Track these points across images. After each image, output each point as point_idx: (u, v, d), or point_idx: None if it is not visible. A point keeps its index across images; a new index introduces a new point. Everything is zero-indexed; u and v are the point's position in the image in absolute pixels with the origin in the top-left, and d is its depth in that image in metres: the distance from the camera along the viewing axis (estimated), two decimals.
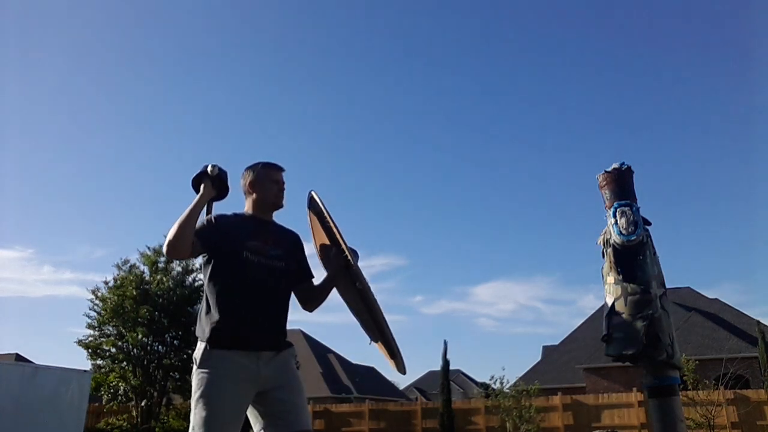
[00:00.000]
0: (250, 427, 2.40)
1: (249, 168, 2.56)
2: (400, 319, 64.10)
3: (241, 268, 2.33)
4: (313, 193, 2.57)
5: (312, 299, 2.59)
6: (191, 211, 2.26)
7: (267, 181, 2.50)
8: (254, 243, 2.39)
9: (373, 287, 2.42)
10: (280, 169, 2.55)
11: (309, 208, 2.68)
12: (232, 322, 2.27)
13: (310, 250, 2.68)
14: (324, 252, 2.68)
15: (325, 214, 2.49)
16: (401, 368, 2.60)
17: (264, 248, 2.40)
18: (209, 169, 2.38)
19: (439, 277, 68.75)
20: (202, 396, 2.18)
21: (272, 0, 59.21)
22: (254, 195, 2.50)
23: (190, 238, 2.26)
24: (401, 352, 2.50)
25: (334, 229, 2.45)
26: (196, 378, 2.24)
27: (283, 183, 2.55)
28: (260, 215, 2.51)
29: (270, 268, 2.39)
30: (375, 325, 2.56)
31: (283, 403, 2.30)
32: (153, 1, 54.44)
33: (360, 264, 2.48)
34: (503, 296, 73.54)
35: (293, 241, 2.57)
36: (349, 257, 2.44)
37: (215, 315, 2.29)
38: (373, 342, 2.68)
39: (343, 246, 2.45)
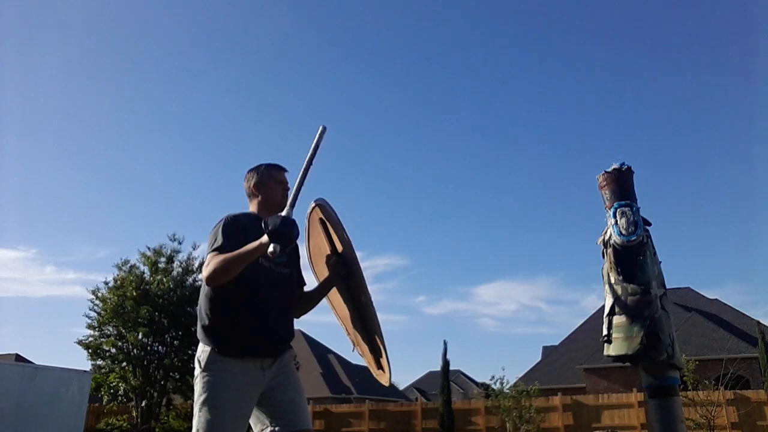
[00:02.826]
0: (250, 428, 2.40)
1: (252, 170, 2.53)
2: (402, 319, 64.19)
3: (254, 275, 2.27)
4: (324, 200, 2.53)
5: (302, 307, 2.57)
6: (249, 254, 2.15)
7: (271, 182, 2.48)
8: None
9: (375, 287, 2.42)
10: (283, 170, 2.52)
11: (312, 213, 2.64)
12: (242, 329, 2.25)
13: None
14: (320, 259, 2.65)
15: (339, 223, 2.45)
16: (387, 381, 2.59)
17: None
18: (269, 250, 2.08)
19: (442, 277, 68.84)
20: (207, 400, 2.17)
21: (273, 0, 59.26)
22: (259, 197, 2.47)
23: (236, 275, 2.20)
24: (390, 367, 2.50)
25: (347, 239, 2.43)
26: (201, 381, 2.22)
27: (287, 183, 2.52)
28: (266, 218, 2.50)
29: (278, 275, 2.37)
30: (366, 336, 2.55)
31: (284, 403, 2.30)
32: (153, 1, 54.50)
33: (361, 265, 2.47)
34: (506, 296, 73.63)
35: (295, 249, 2.54)
36: (359, 269, 2.42)
37: (225, 321, 2.26)
38: (355, 349, 2.67)
39: (355, 257, 2.43)
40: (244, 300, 2.27)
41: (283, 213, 2.15)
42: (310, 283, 2.65)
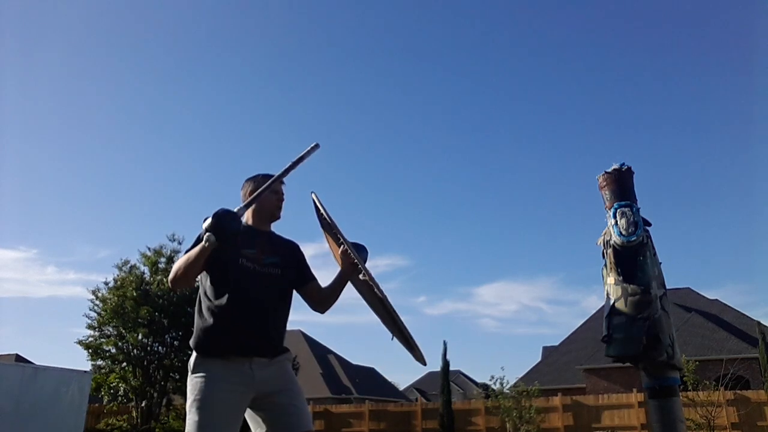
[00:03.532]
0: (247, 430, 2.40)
1: (249, 179, 2.59)
2: (403, 319, 63.89)
3: (236, 276, 2.33)
4: (312, 195, 2.56)
5: (321, 300, 2.58)
6: (197, 254, 2.21)
7: (267, 191, 2.48)
8: (250, 251, 2.40)
9: None
10: (281, 181, 2.55)
11: (316, 210, 2.67)
12: (224, 330, 2.28)
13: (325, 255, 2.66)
14: (336, 254, 2.67)
15: (324, 214, 2.48)
16: (421, 359, 2.59)
17: (260, 256, 2.42)
18: (203, 242, 2.16)
19: (443, 278, 68.80)
20: (195, 401, 2.20)
21: (274, 0, 59.26)
22: (253, 205, 2.49)
23: (196, 275, 2.32)
24: (417, 343, 2.48)
25: (333, 225, 2.46)
26: (190, 384, 2.26)
27: (283, 194, 2.57)
28: (258, 226, 2.53)
29: (265, 276, 2.40)
30: (390, 318, 2.54)
31: (284, 407, 2.31)
32: (153, 1, 54.51)
33: (365, 263, 2.47)
34: (506, 297, 73.47)
35: (291, 250, 2.58)
36: (350, 251, 2.43)
37: (208, 322, 2.30)
38: (394, 338, 2.64)
39: (343, 241, 2.44)
40: (224, 302, 2.31)
41: (235, 209, 2.22)
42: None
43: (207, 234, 2.13)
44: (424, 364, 2.70)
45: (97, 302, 17.23)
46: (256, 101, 60.98)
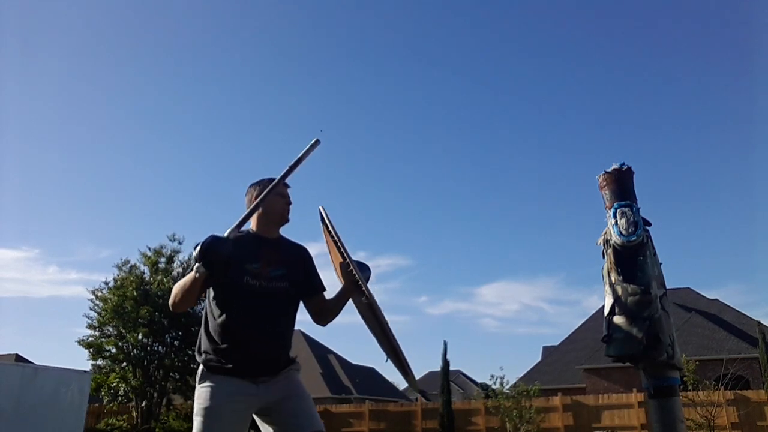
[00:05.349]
0: None
1: (254, 184, 2.52)
2: (404, 319, 64.03)
3: (240, 295, 2.30)
4: (320, 208, 2.49)
5: (324, 313, 2.54)
6: (192, 280, 2.21)
7: (271, 194, 2.44)
8: (255, 266, 2.34)
9: (378, 287, 2.37)
10: (286, 184, 2.49)
11: (322, 224, 2.63)
12: (230, 352, 2.28)
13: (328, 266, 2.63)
14: (337, 267, 2.63)
15: (331, 230, 2.42)
16: (414, 385, 2.56)
17: (265, 270, 2.36)
18: (193, 272, 2.18)
19: (444, 278, 68.76)
20: (200, 410, 2.24)
21: (274, 0, 59.26)
22: (260, 210, 2.44)
23: (194, 300, 2.32)
24: (412, 369, 2.45)
25: (340, 244, 2.40)
26: (197, 393, 2.30)
27: (289, 197, 2.50)
28: (265, 233, 2.46)
29: (271, 291, 2.35)
30: (386, 341, 2.50)
31: (293, 410, 2.31)
32: (155, 1, 54.50)
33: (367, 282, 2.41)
34: (508, 297, 73.37)
35: (300, 257, 2.52)
36: (354, 271, 2.36)
37: (215, 342, 2.31)
38: (388, 359, 2.60)
39: (348, 260, 2.38)
40: (230, 325, 2.29)
41: (226, 232, 2.20)
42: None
43: (196, 265, 2.12)
44: (417, 391, 2.69)
45: (98, 302, 17.24)
46: (256, 101, 60.96)
